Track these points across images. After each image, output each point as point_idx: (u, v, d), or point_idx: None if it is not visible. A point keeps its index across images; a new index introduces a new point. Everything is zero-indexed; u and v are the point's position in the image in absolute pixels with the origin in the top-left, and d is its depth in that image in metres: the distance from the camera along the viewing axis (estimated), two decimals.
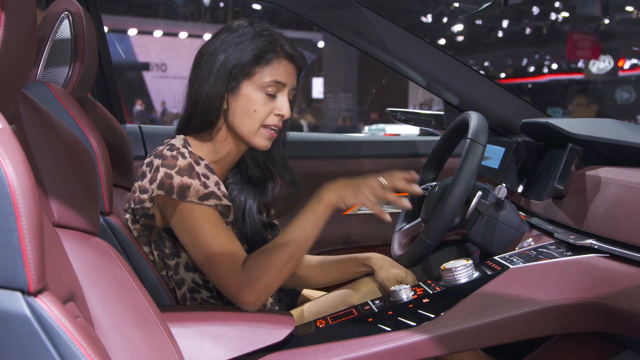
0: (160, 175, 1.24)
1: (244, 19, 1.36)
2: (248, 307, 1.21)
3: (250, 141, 1.34)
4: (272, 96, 1.32)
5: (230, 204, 1.31)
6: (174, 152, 1.26)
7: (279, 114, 1.32)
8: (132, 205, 1.29)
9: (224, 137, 1.36)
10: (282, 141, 1.45)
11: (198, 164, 1.28)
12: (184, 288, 1.34)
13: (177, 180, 1.24)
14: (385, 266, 1.47)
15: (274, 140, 1.40)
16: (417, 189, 1.26)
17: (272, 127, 1.33)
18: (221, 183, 1.31)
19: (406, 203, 1.24)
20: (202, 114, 1.33)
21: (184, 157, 1.26)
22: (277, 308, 1.47)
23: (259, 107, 1.31)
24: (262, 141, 1.34)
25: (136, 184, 1.29)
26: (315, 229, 1.25)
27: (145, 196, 1.27)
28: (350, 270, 1.54)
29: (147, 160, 1.30)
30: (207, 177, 1.28)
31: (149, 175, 1.26)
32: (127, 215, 1.37)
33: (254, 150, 1.44)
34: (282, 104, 1.33)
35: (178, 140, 1.31)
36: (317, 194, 1.26)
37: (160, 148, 1.30)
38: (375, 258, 1.51)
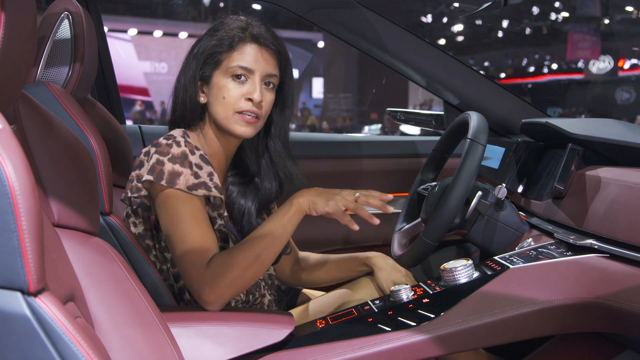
0: (152, 161, 1.25)
1: (231, 15, 1.38)
2: (209, 307, 1.19)
3: (228, 129, 1.34)
4: (242, 82, 1.32)
5: (222, 196, 1.31)
6: (170, 141, 1.27)
7: (249, 99, 1.32)
8: (129, 194, 1.29)
9: (212, 131, 1.37)
10: (281, 139, 1.44)
11: (193, 153, 1.28)
12: (181, 281, 1.34)
13: (168, 167, 1.24)
14: (385, 268, 1.47)
15: (271, 137, 1.41)
16: (390, 209, 1.24)
17: (247, 113, 1.32)
18: (215, 174, 1.30)
19: (375, 221, 1.22)
20: (181, 107, 1.35)
21: (178, 145, 1.27)
22: (276, 308, 1.47)
23: (227, 93, 1.31)
24: (239, 128, 1.33)
25: (133, 173, 1.29)
26: (284, 232, 1.23)
27: (141, 184, 1.27)
28: (351, 269, 1.54)
29: (144, 150, 1.30)
30: (200, 167, 1.28)
31: (145, 165, 1.27)
32: (127, 207, 1.37)
33: (253, 148, 1.45)
34: (251, 88, 1.31)
35: (177, 132, 1.32)
36: (289, 199, 1.26)
37: (159, 138, 1.31)
38: (377, 258, 1.51)
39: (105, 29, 2.18)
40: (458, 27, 13.27)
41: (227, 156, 1.41)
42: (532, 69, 14.35)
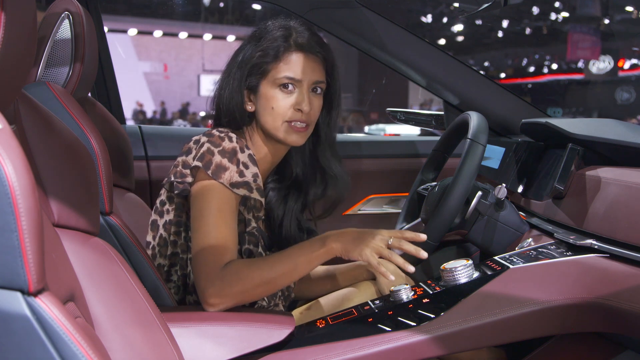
0: (203, 149, 1.25)
1: (273, 20, 1.36)
2: (209, 308, 1.18)
3: (278, 138, 1.33)
4: (290, 91, 1.31)
5: (262, 200, 1.30)
6: (222, 134, 1.27)
7: (298, 109, 1.31)
8: (172, 179, 1.28)
9: (261, 137, 1.36)
10: (328, 141, 1.42)
11: (242, 151, 1.28)
12: None
13: (217, 158, 1.24)
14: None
15: (318, 139, 1.40)
16: (424, 255, 1.19)
17: (297, 122, 1.31)
18: (259, 177, 1.29)
19: (410, 269, 1.19)
20: (227, 116, 1.34)
21: (230, 140, 1.27)
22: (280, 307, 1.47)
23: (276, 104, 1.30)
24: (289, 137, 1.32)
25: (179, 159, 1.29)
26: (306, 267, 1.21)
27: (188, 171, 1.27)
28: (355, 278, 1.53)
29: (195, 138, 1.30)
30: (247, 167, 1.27)
31: (194, 152, 1.26)
32: (162, 192, 1.36)
33: (300, 151, 1.44)
34: (299, 98, 1.31)
35: (228, 129, 1.32)
36: (323, 236, 1.22)
37: (212, 130, 1.31)
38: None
39: (106, 29, 2.18)
40: (458, 27, 13.28)
41: (274, 162, 1.41)
42: (532, 69, 14.37)
